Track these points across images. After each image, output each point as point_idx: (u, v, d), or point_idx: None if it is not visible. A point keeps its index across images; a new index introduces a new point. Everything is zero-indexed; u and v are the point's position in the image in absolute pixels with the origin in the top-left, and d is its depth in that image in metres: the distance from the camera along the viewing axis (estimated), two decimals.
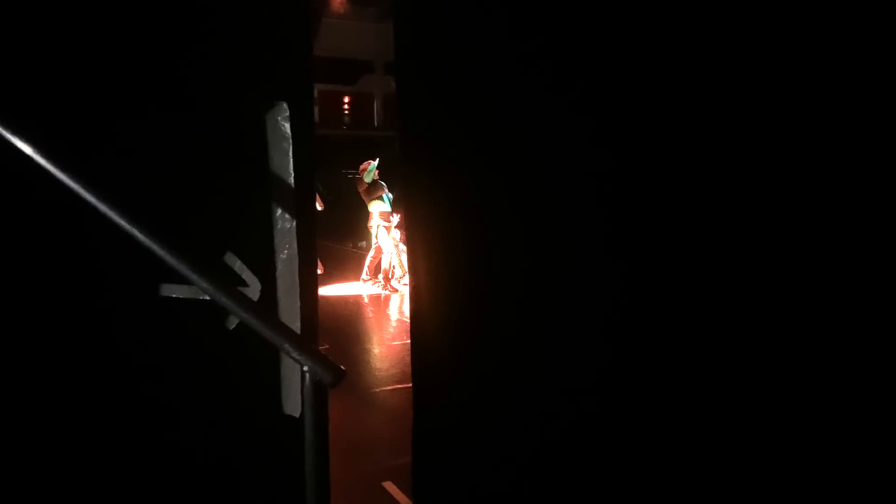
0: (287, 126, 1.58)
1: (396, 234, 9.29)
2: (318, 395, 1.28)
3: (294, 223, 1.61)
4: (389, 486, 3.46)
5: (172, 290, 1.55)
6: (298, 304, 1.64)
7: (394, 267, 9.36)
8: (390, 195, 9.42)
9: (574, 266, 2.57)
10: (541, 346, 2.74)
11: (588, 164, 2.48)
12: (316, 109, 17.81)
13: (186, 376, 1.61)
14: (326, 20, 15.71)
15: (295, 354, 1.29)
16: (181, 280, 1.34)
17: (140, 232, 1.29)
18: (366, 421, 4.42)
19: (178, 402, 1.64)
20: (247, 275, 1.55)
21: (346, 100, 18.91)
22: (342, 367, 1.31)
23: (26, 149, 1.21)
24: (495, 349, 2.96)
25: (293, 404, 1.64)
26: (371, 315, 7.76)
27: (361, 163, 9.45)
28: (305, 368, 1.28)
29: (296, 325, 1.63)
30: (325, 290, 8.47)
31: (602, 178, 2.40)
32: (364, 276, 9.48)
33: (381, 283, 9.26)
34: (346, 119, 18.96)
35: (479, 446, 3.03)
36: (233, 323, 1.49)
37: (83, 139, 1.45)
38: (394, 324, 7.29)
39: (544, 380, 2.86)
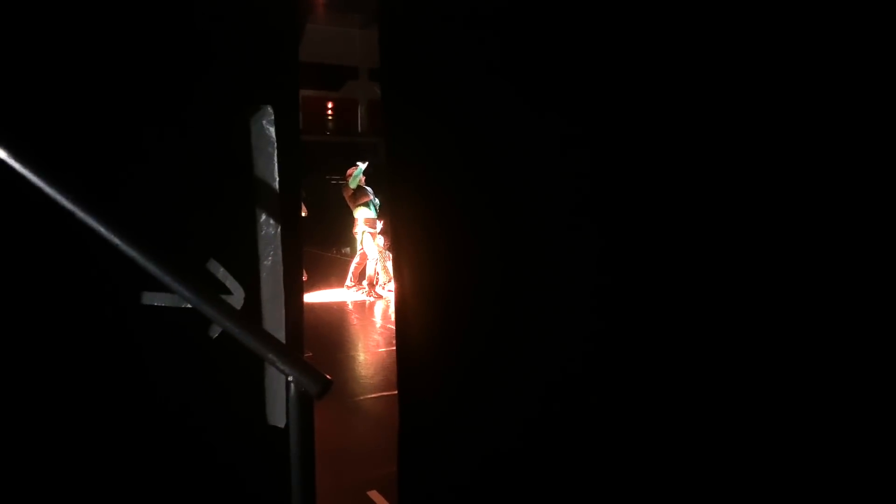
0: (272, 130, 1.55)
1: (381, 240, 9.24)
2: (304, 405, 1.26)
3: (279, 229, 1.58)
4: (375, 495, 3.43)
5: (154, 299, 1.52)
6: (283, 312, 1.61)
7: (378, 273, 9.30)
8: (376, 201, 9.38)
9: (555, 273, 2.60)
10: (525, 353, 2.74)
11: (571, 173, 2.49)
12: (300, 115, 17.72)
13: (170, 387, 1.58)
14: (310, 26, 15.66)
15: (280, 364, 1.27)
16: (163, 288, 1.31)
17: (119, 239, 1.26)
18: (350, 429, 4.38)
19: (160, 413, 1.61)
20: (230, 282, 1.52)
21: (330, 105, 18.84)
22: (328, 376, 1.29)
23: (1, 153, 1.17)
24: (481, 356, 2.95)
25: (278, 415, 1.61)
26: (356, 322, 7.71)
27: (346, 168, 9.40)
28: (290, 378, 1.25)
29: (280, 334, 1.60)
30: (309, 297, 8.40)
31: (585, 188, 2.42)
32: (349, 282, 9.42)
33: (365, 289, 9.21)
34: (330, 125, 18.90)
35: (465, 454, 3.01)
36: (216, 332, 1.46)
37: (62, 145, 1.42)
38: (379, 331, 7.25)
39: (529, 386, 2.86)
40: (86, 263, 1.48)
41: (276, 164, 1.56)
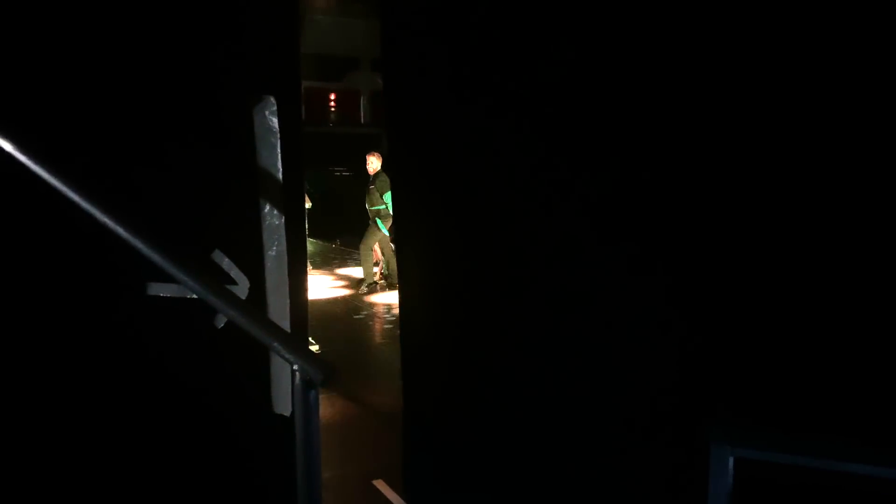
0: (275, 120, 1.55)
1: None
2: (309, 394, 1.26)
3: (283, 219, 1.58)
4: (380, 483, 3.45)
5: (160, 290, 1.52)
6: (288, 301, 1.62)
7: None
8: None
9: (561, 271, 2.67)
10: (528, 347, 2.77)
11: (579, 169, 2.52)
12: (303, 107, 17.67)
13: (176, 375, 1.59)
14: (312, 16, 15.61)
15: (284, 353, 1.27)
16: (169, 279, 1.32)
17: (125, 230, 1.26)
18: (355, 419, 4.40)
19: (167, 402, 1.62)
20: (235, 272, 1.52)
21: (333, 97, 18.79)
22: (334, 365, 1.30)
23: (7, 146, 1.18)
24: (484, 349, 2.98)
25: (284, 403, 1.61)
26: (360, 314, 7.71)
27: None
28: (295, 367, 1.26)
29: (285, 323, 1.61)
30: (313, 288, 8.38)
31: (587, 187, 2.48)
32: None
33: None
34: (333, 116, 18.85)
35: (468, 444, 3.04)
36: (221, 322, 1.46)
37: (68, 138, 1.43)
38: (382, 323, 7.26)
39: (531, 379, 2.89)
40: (92, 255, 1.48)
41: (279, 155, 1.56)
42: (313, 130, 16.58)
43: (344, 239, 13.25)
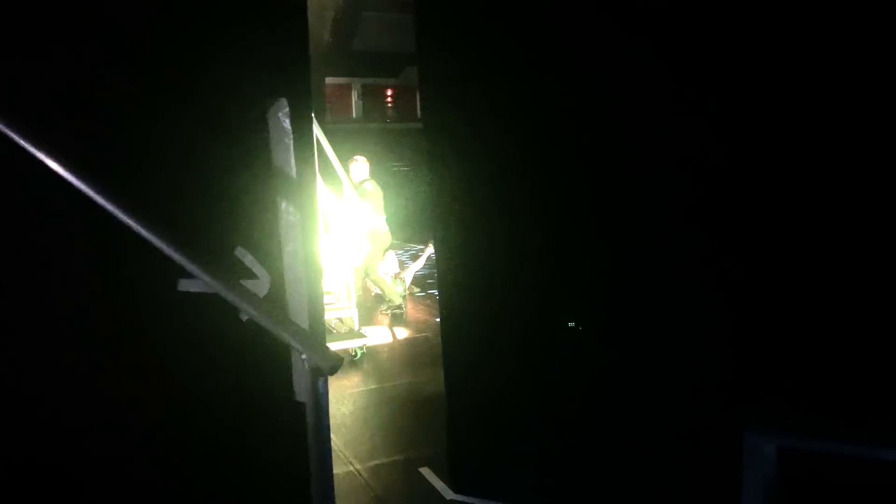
0: (287, 122, 1.62)
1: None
2: (318, 381, 1.34)
3: (298, 217, 1.65)
4: (426, 471, 3.56)
5: (189, 286, 1.61)
6: (306, 295, 1.69)
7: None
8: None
9: (611, 263, 2.68)
10: (560, 335, 2.78)
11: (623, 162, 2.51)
12: (361, 104, 18.01)
13: (194, 366, 1.68)
14: (367, 13, 15.77)
15: (295, 344, 1.35)
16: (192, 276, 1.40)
17: (147, 230, 1.35)
18: (403, 409, 4.52)
19: (184, 392, 1.70)
20: (257, 268, 1.60)
21: (390, 92, 18.95)
22: (339, 355, 1.36)
23: (38, 153, 1.28)
24: (522, 342, 3.00)
25: (300, 392, 1.69)
26: (403, 309, 7.58)
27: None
28: (304, 357, 1.34)
29: (303, 316, 1.68)
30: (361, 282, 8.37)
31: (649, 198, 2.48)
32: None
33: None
34: (390, 112, 19.02)
35: (508, 431, 3.08)
36: (245, 316, 1.54)
37: (93, 141, 1.52)
38: (430, 315, 7.33)
39: (565, 366, 2.89)
40: (112, 252, 1.58)
41: (293, 155, 1.63)
42: (372, 127, 16.78)
43: (404, 234, 13.35)
